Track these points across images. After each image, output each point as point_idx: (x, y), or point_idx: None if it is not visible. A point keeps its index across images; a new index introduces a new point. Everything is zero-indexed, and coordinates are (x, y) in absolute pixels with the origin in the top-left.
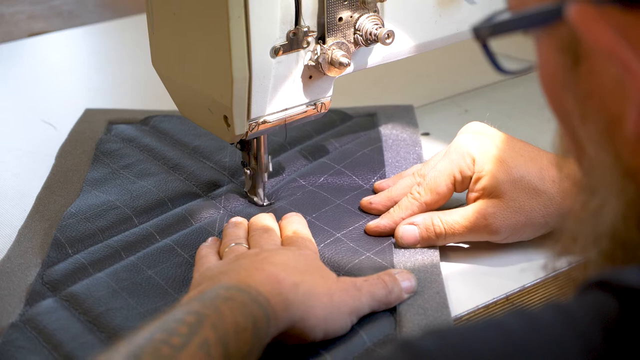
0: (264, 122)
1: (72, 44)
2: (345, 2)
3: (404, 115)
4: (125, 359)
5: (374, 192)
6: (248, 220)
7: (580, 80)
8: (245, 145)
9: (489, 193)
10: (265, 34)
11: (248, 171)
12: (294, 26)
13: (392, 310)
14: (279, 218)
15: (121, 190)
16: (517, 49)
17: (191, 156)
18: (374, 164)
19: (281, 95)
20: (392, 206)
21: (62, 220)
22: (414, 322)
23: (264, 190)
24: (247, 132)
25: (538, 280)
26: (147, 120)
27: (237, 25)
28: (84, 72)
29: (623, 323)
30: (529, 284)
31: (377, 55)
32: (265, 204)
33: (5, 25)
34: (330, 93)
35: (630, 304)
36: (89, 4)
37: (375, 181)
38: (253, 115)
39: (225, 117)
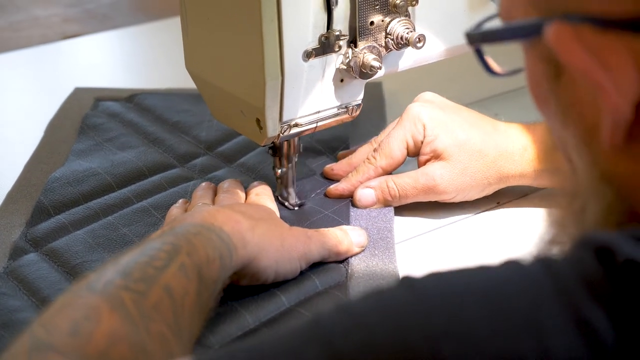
0: (296, 124)
1: (106, 46)
2: (376, 6)
3: (371, 89)
4: (117, 275)
5: (337, 161)
6: None
7: (561, 90)
8: (276, 150)
9: (438, 155)
10: (297, 37)
11: (279, 171)
12: (326, 30)
13: (343, 262)
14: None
15: (103, 159)
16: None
17: (170, 131)
18: (340, 136)
19: (313, 98)
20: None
21: (46, 185)
22: (363, 272)
23: (295, 191)
24: (279, 135)
25: None
26: (132, 98)
27: (270, 29)
28: (118, 74)
29: (599, 278)
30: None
31: (408, 59)
32: (296, 206)
33: (40, 28)
34: (361, 96)
35: (607, 263)
36: (122, 8)
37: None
38: (285, 118)
39: (258, 120)
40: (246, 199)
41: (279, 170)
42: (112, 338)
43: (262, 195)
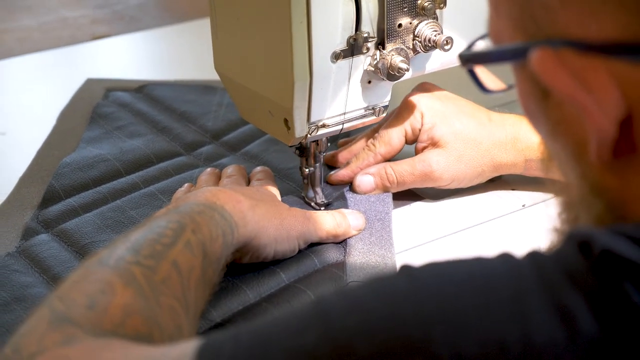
0: (324, 125)
1: (133, 47)
2: (404, 8)
3: None
4: (127, 251)
5: (338, 148)
6: None
7: (549, 109)
8: (303, 151)
9: (435, 143)
10: (326, 39)
11: (307, 170)
12: (354, 32)
13: (342, 242)
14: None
15: (112, 147)
16: None
17: (178, 120)
18: None
19: (340, 99)
20: None
21: (57, 169)
22: (360, 251)
23: (322, 190)
24: (306, 135)
25: None
26: (141, 88)
27: (299, 30)
28: (145, 75)
29: (580, 268)
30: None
31: (435, 61)
32: (322, 205)
33: (69, 29)
34: (388, 98)
35: (588, 254)
36: (150, 9)
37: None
38: (313, 118)
39: (286, 120)
40: (249, 184)
41: (307, 170)
42: (127, 311)
43: (265, 180)
